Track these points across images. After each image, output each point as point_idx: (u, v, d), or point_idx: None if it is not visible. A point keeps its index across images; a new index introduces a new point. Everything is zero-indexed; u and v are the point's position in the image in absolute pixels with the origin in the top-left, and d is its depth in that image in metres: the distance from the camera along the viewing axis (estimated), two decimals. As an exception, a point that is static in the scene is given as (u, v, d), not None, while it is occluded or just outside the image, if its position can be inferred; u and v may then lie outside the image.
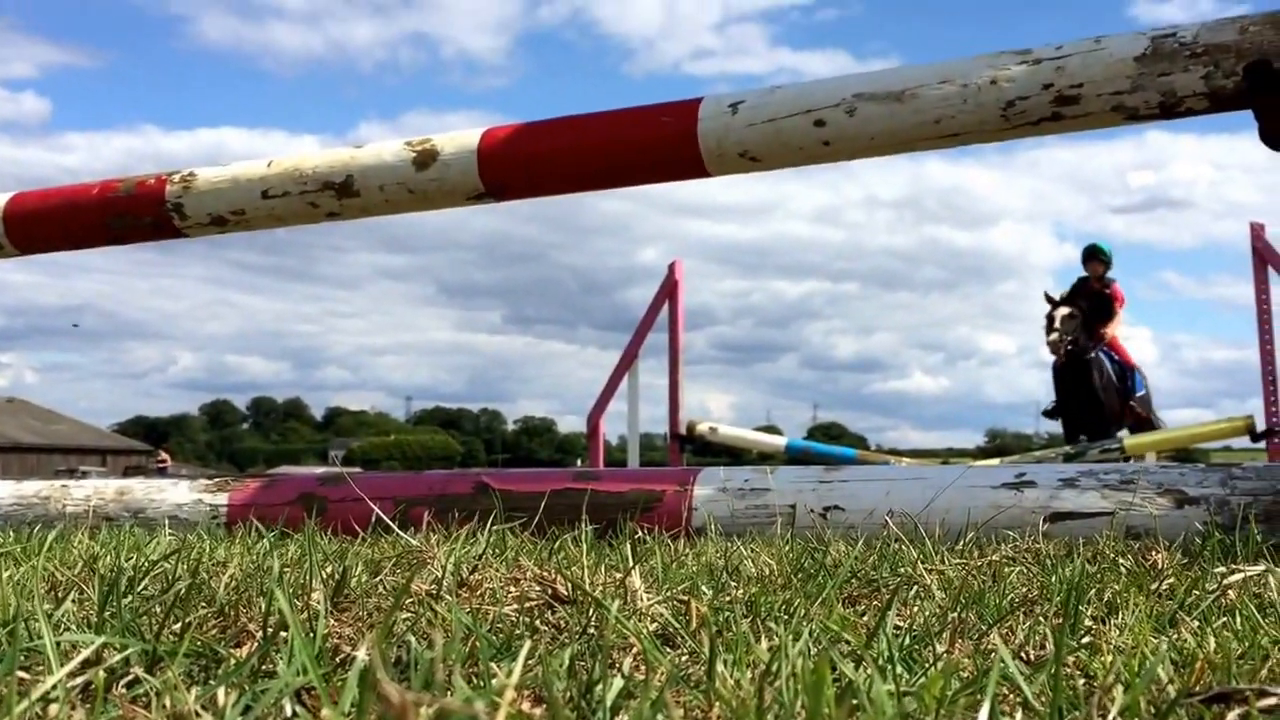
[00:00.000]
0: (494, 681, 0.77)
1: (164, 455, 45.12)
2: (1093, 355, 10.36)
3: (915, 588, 1.35)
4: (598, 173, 2.98)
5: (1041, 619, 1.14)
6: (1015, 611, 1.18)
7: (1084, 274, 10.88)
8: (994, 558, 1.60)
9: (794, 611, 1.16)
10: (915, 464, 9.38)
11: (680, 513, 2.61)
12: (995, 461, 10.07)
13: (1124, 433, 10.80)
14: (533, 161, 2.95)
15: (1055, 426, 11.25)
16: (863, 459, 10.04)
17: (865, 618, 1.14)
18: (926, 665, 0.87)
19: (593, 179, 3.08)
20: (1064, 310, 10.29)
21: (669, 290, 8.34)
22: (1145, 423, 11.08)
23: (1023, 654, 0.99)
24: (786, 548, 1.91)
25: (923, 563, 1.54)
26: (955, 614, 1.13)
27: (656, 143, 2.81)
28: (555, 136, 2.99)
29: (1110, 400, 10.43)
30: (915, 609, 1.21)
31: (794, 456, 9.69)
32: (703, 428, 9.01)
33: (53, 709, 0.75)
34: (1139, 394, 10.81)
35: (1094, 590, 1.31)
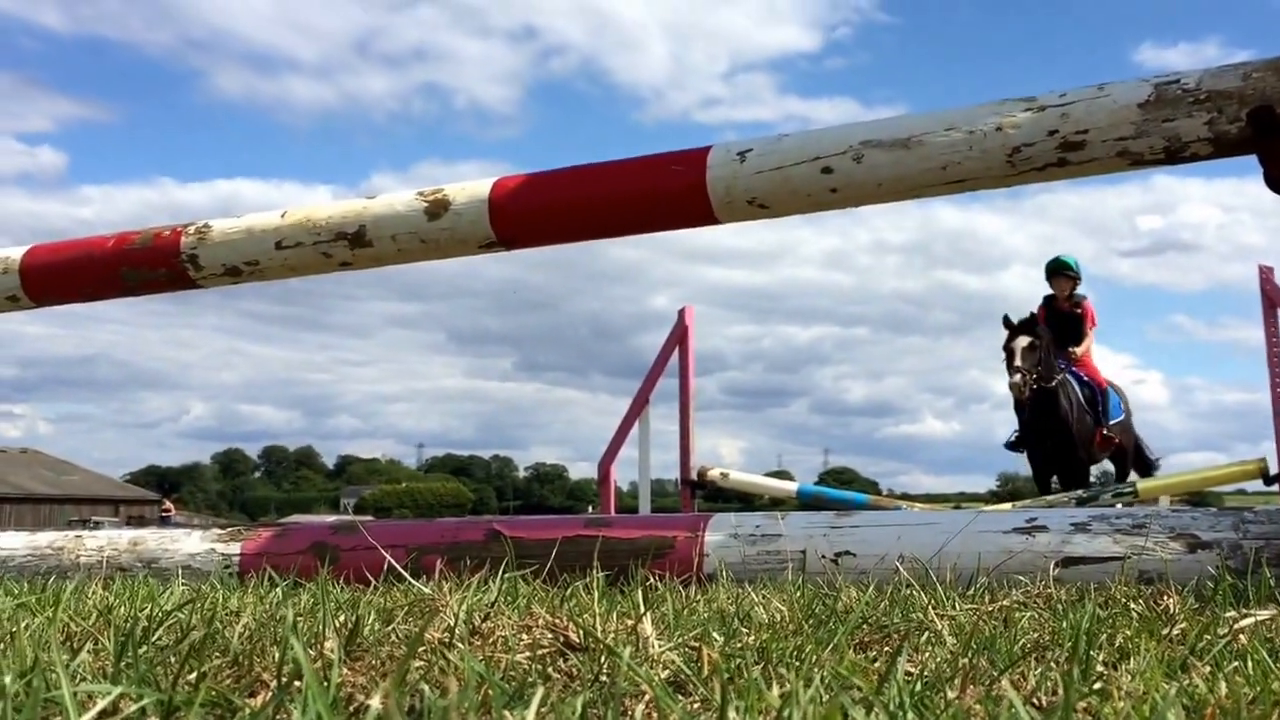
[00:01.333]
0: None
1: (168, 504, 45.15)
2: (1059, 377, 9.05)
3: (926, 633, 1.36)
4: (608, 221, 3.01)
5: (1053, 664, 1.14)
6: (1027, 657, 1.18)
7: (1050, 293, 9.71)
8: (1005, 603, 1.60)
9: (805, 658, 1.16)
10: (927, 509, 9.33)
11: (692, 559, 2.61)
12: (1007, 506, 9.95)
13: (1108, 467, 10.08)
14: (543, 211, 2.98)
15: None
16: (875, 504, 9.99)
17: (877, 664, 1.14)
18: (938, 711, 0.87)
19: (603, 227, 3.11)
20: (1023, 342, 8.86)
21: (680, 336, 8.37)
22: (1126, 452, 10.01)
23: (1034, 700, 0.99)
24: (798, 594, 1.91)
25: (934, 608, 1.54)
26: (966, 660, 1.13)
27: (666, 191, 2.84)
28: (565, 186, 3.03)
29: (1082, 429, 9.18)
30: (927, 655, 1.21)
31: (806, 502, 9.66)
32: (714, 473, 8.99)
33: (75, 757, 0.76)
34: (1116, 419, 9.62)
35: (1105, 635, 1.31)
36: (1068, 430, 9.09)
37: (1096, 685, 1.04)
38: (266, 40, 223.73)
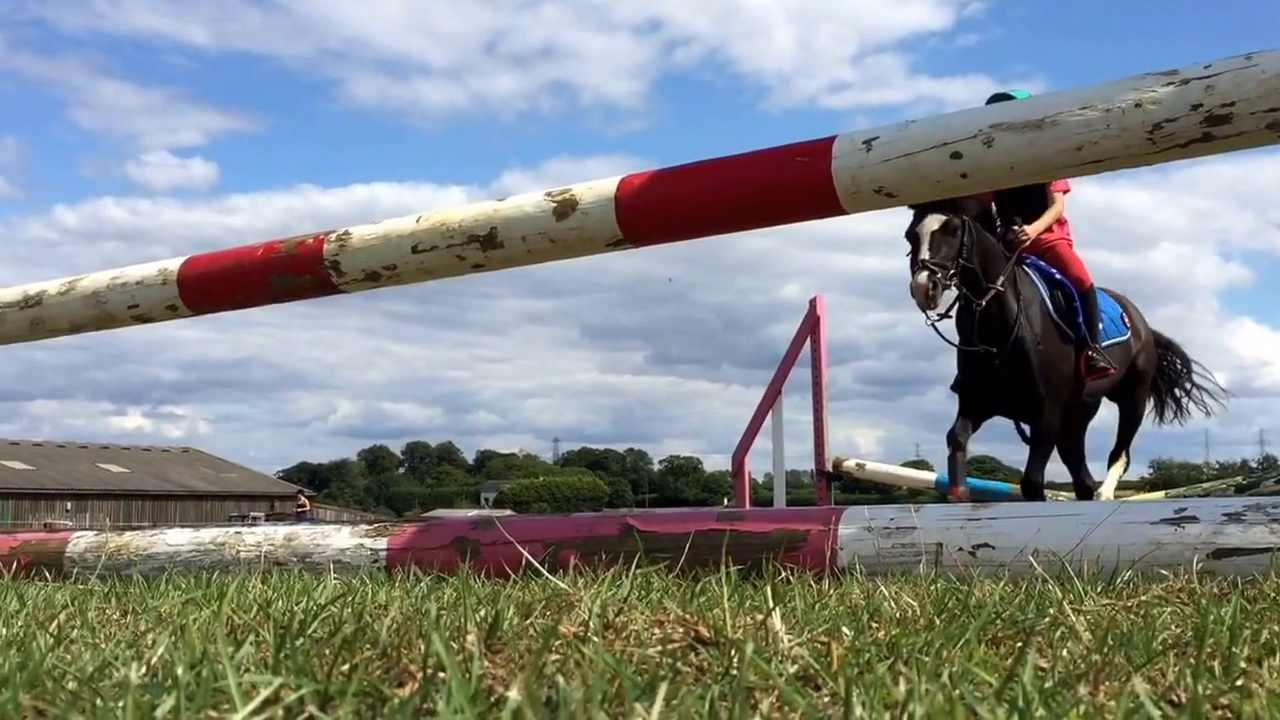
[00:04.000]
0: (631, 718, 0.80)
1: (303, 500, 46.92)
2: (1006, 273, 5.87)
3: (1061, 629, 1.34)
4: (733, 215, 3.02)
5: (1192, 661, 1.11)
6: (1165, 653, 1.15)
7: None
8: (1144, 597, 1.56)
9: (934, 653, 1.16)
10: (1073, 498, 9.04)
11: (824, 552, 2.61)
12: (1159, 495, 9.53)
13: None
14: (669, 207, 3.00)
15: (1226, 454, 9.15)
16: (1018, 494, 9.72)
17: (1009, 660, 1.13)
18: (1068, 708, 0.87)
19: (728, 221, 3.12)
20: (932, 223, 5.65)
21: (811, 325, 8.30)
22: (1136, 393, 7.04)
23: (1172, 696, 0.97)
24: (931, 587, 1.90)
25: (1070, 603, 1.52)
26: (1100, 655, 1.11)
27: (791, 183, 2.83)
28: (690, 181, 3.05)
29: (1050, 352, 5.98)
30: (1062, 650, 1.20)
31: (945, 492, 9.46)
32: (850, 464, 8.89)
33: (241, 744, 0.82)
34: (1116, 339, 6.50)
35: (1250, 631, 1.27)
36: (1023, 356, 5.87)
37: (1238, 682, 1.01)
38: (398, 46, 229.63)
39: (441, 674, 0.98)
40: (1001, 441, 6.72)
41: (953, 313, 6.04)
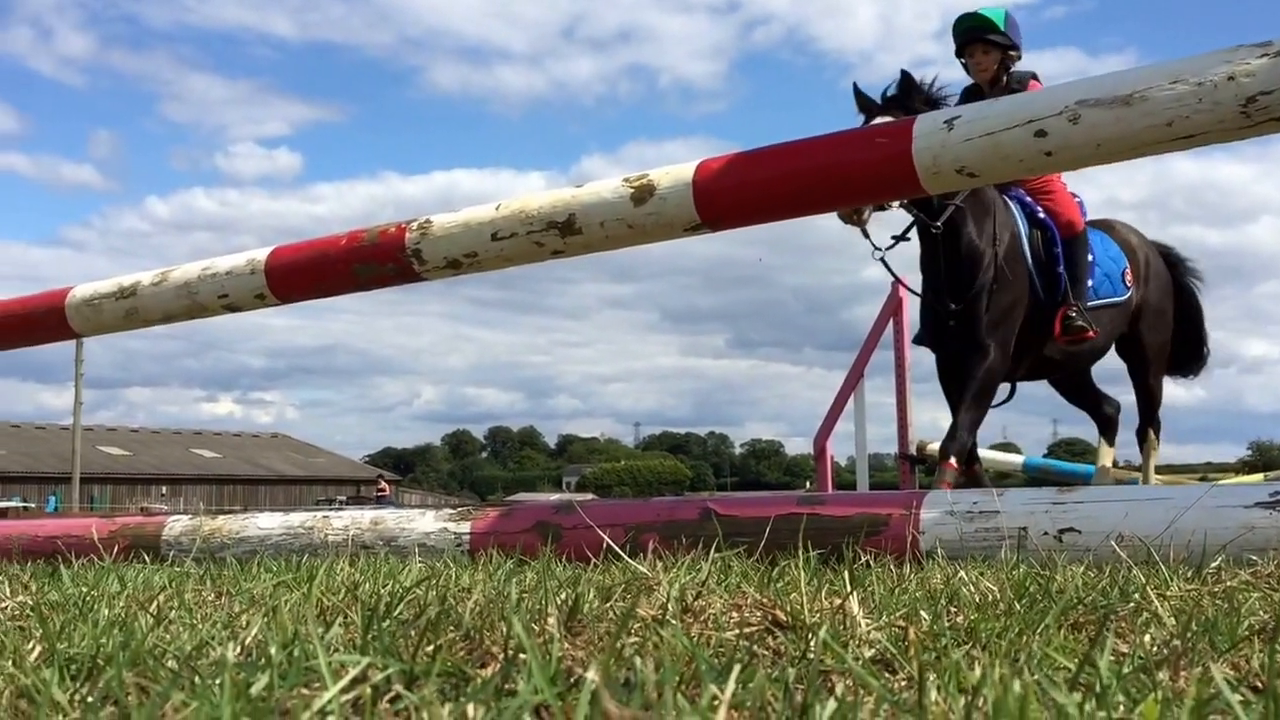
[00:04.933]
0: (707, 700, 0.82)
1: (384, 485, 47.82)
2: (962, 197, 4.82)
3: (1144, 614, 1.32)
4: (812, 198, 3.00)
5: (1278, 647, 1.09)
6: (1251, 639, 1.13)
7: (970, 82, 5.50)
8: (1231, 583, 1.53)
9: (1013, 638, 1.15)
10: (1166, 481, 8.81)
11: (906, 537, 2.59)
12: (1258, 477, 9.21)
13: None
14: (747, 191, 3.00)
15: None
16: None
17: (1095, 649, 1.12)
18: (1147, 692, 0.86)
19: (808, 204, 3.11)
20: (886, 119, 4.54)
21: (894, 307, 8.20)
22: (1144, 361, 6.06)
23: (1258, 682, 0.95)
24: (1013, 572, 1.88)
25: (1154, 588, 1.49)
26: (1183, 641, 1.09)
27: (871, 164, 2.81)
28: (769, 164, 3.03)
29: (1008, 292, 5.04)
30: (1146, 636, 1.18)
31: (1032, 476, 9.26)
32: (934, 447, 8.77)
33: (329, 719, 0.86)
34: (1109, 300, 5.58)
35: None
36: (972, 310, 4.95)
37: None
38: (478, 33, 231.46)
39: (522, 655, 1.00)
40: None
41: (912, 237, 5.08)
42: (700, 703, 0.81)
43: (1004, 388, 5.53)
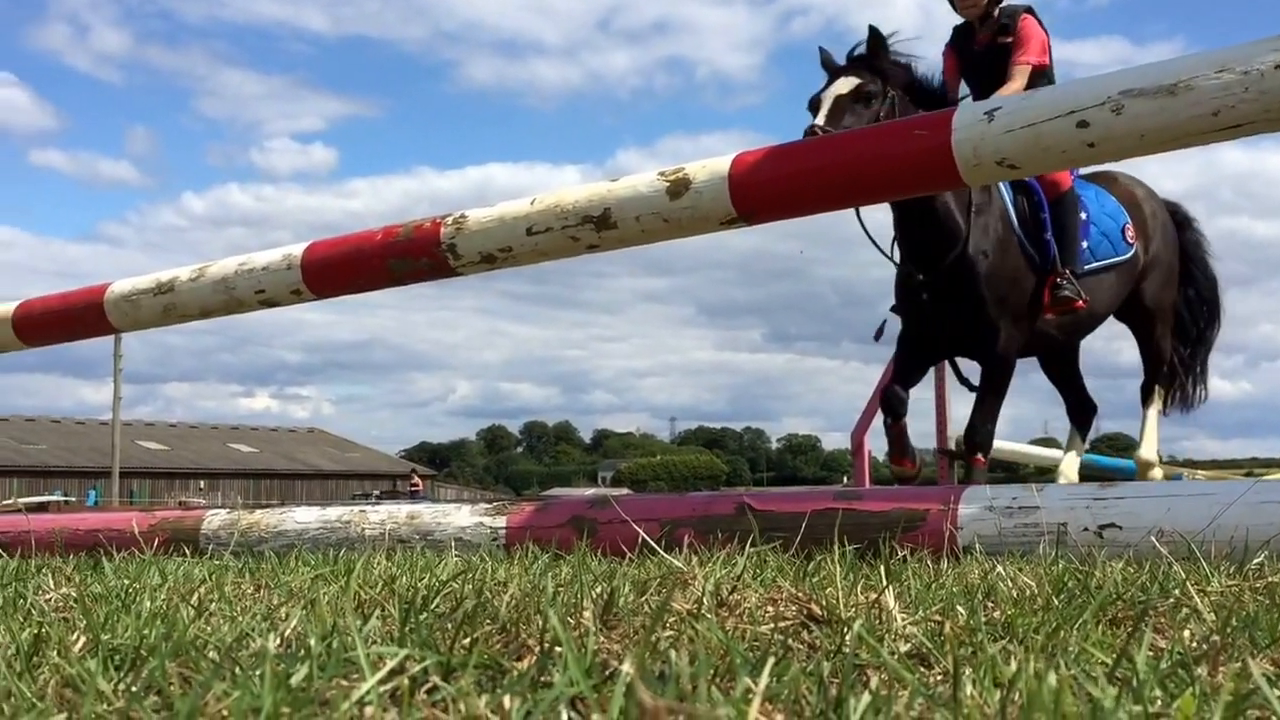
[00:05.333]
0: (740, 691, 0.82)
1: (416, 480, 48.20)
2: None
3: (1184, 610, 1.30)
4: (850, 191, 2.99)
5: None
6: (1294, 635, 1.11)
7: (958, 20, 5.13)
8: (1274, 579, 1.51)
9: (1050, 633, 1.14)
10: (1210, 477, 8.69)
11: (944, 532, 2.58)
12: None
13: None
14: (783, 184, 2.99)
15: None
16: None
17: (1132, 643, 1.11)
18: (1185, 687, 0.85)
19: (845, 197, 3.09)
20: (841, 86, 4.56)
21: (931, 301, 8.14)
22: (1149, 333, 5.64)
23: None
24: (1052, 568, 1.87)
25: (1194, 584, 1.47)
26: (1222, 637, 1.08)
27: (910, 157, 2.79)
28: (806, 157, 3.03)
29: (1004, 265, 4.76)
30: (1185, 631, 1.17)
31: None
32: (973, 442, 8.69)
33: (368, 710, 0.87)
34: (1109, 260, 5.17)
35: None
36: (969, 272, 4.65)
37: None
38: (512, 26, 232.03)
39: (558, 648, 1.01)
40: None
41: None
42: (734, 695, 0.81)
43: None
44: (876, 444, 8.19)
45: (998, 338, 4.78)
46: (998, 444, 8.81)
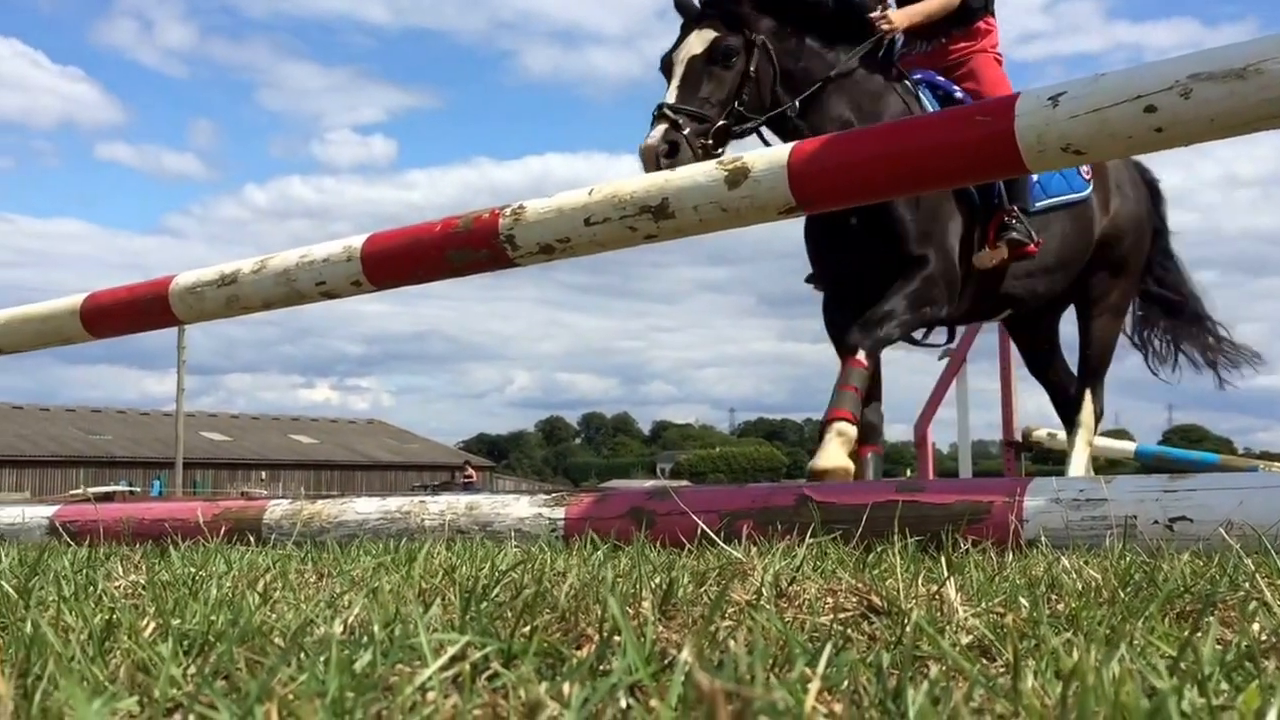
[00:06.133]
0: (797, 674, 0.81)
1: (470, 471, 48.64)
2: (831, 87, 4.06)
3: (1252, 603, 1.27)
4: (910, 178, 2.96)
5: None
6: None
7: None
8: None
9: (1115, 625, 1.12)
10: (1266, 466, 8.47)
11: (1009, 525, 2.54)
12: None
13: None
14: (843, 171, 2.96)
15: None
16: (1227, 465, 9.12)
17: (1197, 634, 1.09)
18: (1251, 680, 0.83)
19: (905, 185, 3.07)
20: (695, 44, 4.03)
21: (995, 291, 8.03)
22: (1111, 283, 4.93)
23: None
24: (1119, 562, 1.84)
25: (1265, 577, 1.44)
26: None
27: (972, 143, 2.75)
28: (866, 145, 3.00)
29: (934, 197, 4.05)
30: (1254, 624, 1.14)
31: (1146, 463, 8.96)
32: (1040, 434, 8.56)
33: (430, 695, 0.88)
34: (1061, 197, 4.54)
35: None
36: (889, 217, 4.01)
37: None
38: (570, 16, 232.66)
39: (617, 637, 1.01)
40: (1207, 408, 6.03)
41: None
42: (799, 683, 0.81)
43: (940, 332, 4.62)
44: (940, 436, 8.12)
45: (924, 263, 4.10)
46: (1066, 436, 8.65)
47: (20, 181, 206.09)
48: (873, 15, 4.16)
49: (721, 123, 3.96)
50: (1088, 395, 5.12)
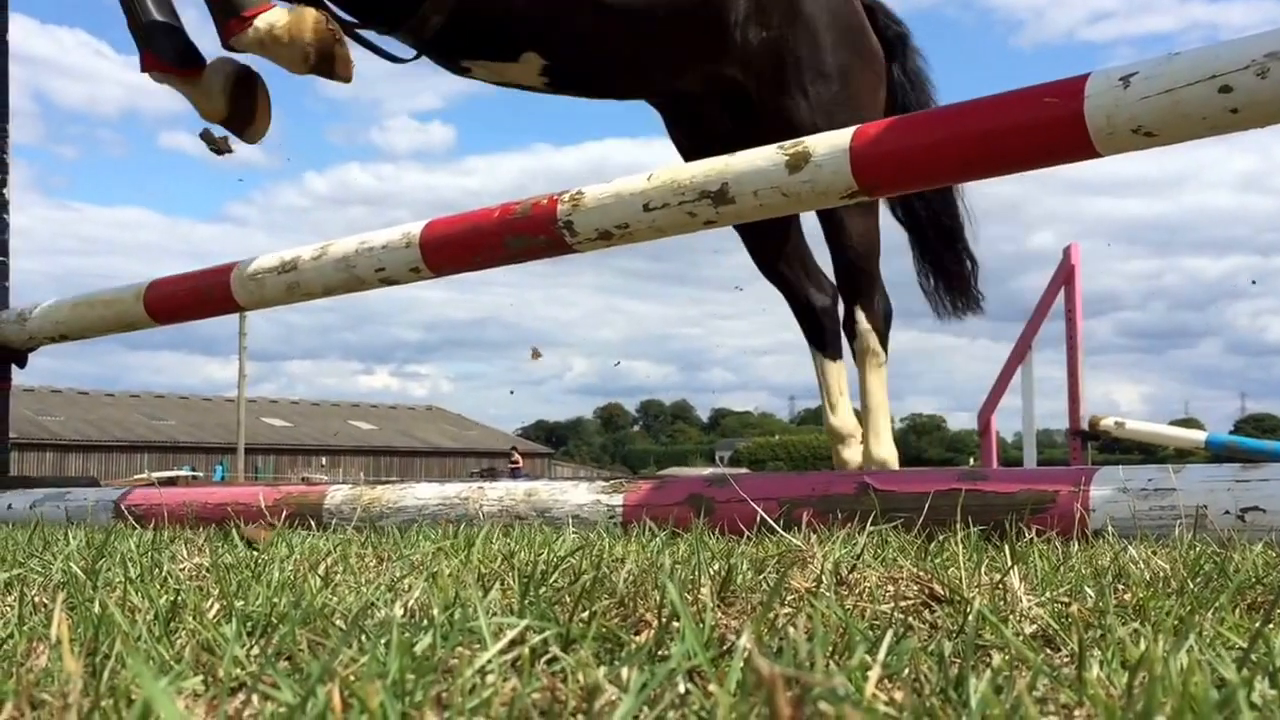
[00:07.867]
0: (857, 660, 0.80)
1: (517, 457, 48.96)
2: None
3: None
4: (976, 162, 2.91)
5: None
6: None
7: None
8: None
9: (1183, 616, 1.10)
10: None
11: (1074, 515, 2.50)
12: None
13: None
14: (906, 156, 2.93)
15: None
16: (1299, 456, 8.91)
17: (1269, 626, 1.06)
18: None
19: (971, 169, 3.02)
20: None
21: (1065, 275, 7.89)
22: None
23: None
24: (1189, 552, 1.80)
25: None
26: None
27: (1039, 126, 2.70)
28: (930, 129, 2.96)
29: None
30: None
31: (1217, 453, 8.78)
32: (1107, 423, 8.42)
33: (489, 678, 0.88)
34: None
35: None
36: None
37: None
38: None
39: (675, 623, 1.01)
40: None
41: None
42: (859, 669, 0.80)
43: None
44: (1004, 425, 8.02)
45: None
46: (1133, 425, 8.51)
47: (86, 170, 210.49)
48: None
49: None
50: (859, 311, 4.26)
